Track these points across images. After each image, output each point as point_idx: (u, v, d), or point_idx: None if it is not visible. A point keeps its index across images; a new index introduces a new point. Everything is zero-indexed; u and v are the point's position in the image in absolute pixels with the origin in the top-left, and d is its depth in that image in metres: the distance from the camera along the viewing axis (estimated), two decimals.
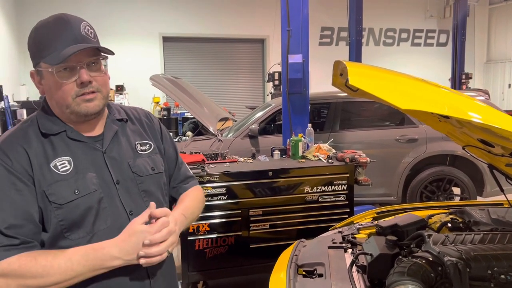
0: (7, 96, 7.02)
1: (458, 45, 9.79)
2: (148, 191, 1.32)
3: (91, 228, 1.19)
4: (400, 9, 12.62)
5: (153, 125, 1.46)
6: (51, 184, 1.16)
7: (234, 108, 10.26)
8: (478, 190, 4.85)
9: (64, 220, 1.16)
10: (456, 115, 1.10)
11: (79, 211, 1.17)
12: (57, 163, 1.18)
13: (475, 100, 1.26)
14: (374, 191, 4.77)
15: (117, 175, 1.26)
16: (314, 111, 5.54)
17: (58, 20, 1.18)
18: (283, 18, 3.86)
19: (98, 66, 1.22)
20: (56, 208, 1.15)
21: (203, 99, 5.47)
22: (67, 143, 1.22)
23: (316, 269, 1.80)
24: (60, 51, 1.14)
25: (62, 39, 1.15)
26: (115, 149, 1.30)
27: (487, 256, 1.52)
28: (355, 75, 1.17)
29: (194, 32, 11.00)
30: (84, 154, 1.23)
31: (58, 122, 1.23)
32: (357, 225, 2.30)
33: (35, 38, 1.19)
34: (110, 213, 1.22)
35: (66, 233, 1.17)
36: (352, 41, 8.64)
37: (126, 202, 1.26)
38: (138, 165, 1.32)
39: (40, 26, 1.19)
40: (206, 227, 3.04)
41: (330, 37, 12.32)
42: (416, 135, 4.80)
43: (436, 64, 12.77)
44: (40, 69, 1.19)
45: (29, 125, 1.23)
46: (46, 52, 1.16)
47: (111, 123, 1.33)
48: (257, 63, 11.91)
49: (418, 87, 1.23)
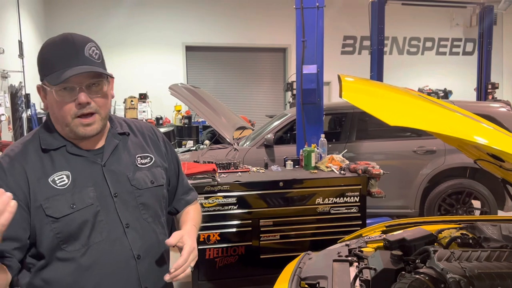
0: (34, 104, 7.27)
1: (484, 54, 9.55)
2: (146, 204, 1.34)
3: (86, 240, 1.22)
4: (425, 18, 12.43)
5: (156, 139, 1.49)
6: (48, 198, 1.20)
7: (255, 117, 10.31)
8: (499, 204, 4.71)
9: (61, 233, 1.20)
10: (441, 131, 1.09)
11: (75, 224, 1.21)
12: (55, 178, 1.22)
13: (471, 117, 1.24)
14: (392, 203, 4.69)
15: (115, 188, 1.29)
16: (331, 121, 5.52)
17: (63, 40, 1.21)
18: (298, 29, 3.88)
19: (99, 88, 1.24)
20: (52, 221, 1.19)
21: (220, 108, 5.52)
22: (67, 158, 1.26)
23: (319, 283, 1.79)
24: (61, 71, 1.17)
25: (64, 60, 1.19)
26: (115, 162, 1.32)
27: (492, 274, 1.48)
28: (348, 90, 1.18)
29: (216, 42, 11.13)
30: (83, 168, 1.27)
31: (59, 137, 1.28)
32: (365, 238, 2.27)
33: (41, 56, 1.23)
34: (106, 226, 1.25)
35: (62, 245, 1.21)
36: (374, 50, 8.56)
37: (123, 215, 1.28)
38: (137, 178, 1.34)
39: (46, 44, 1.23)
40: (217, 236, 3.06)
41: (352, 46, 12.25)
42: (434, 147, 4.71)
43: (462, 74, 12.50)
44: (44, 86, 1.24)
45: (30, 141, 1.28)
46: (48, 71, 1.20)
47: (112, 137, 1.36)
48: (279, 72, 11.94)
49: (409, 104, 1.22)
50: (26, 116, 7.04)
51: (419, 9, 11.67)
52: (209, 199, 3.03)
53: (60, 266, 1.21)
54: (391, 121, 1.04)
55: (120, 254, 1.26)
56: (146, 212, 1.34)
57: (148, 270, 1.31)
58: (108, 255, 1.24)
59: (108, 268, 1.24)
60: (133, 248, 1.28)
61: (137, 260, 1.28)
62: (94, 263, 1.22)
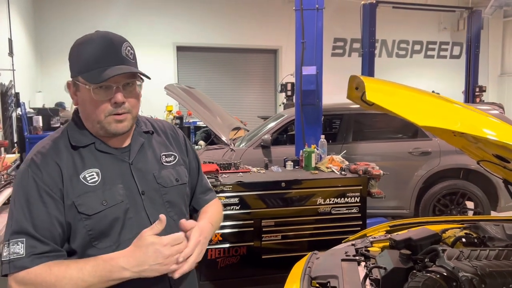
0: (24, 103, 7.16)
1: (472, 58, 9.73)
2: (172, 202, 1.35)
3: (117, 238, 1.23)
4: (414, 21, 12.60)
5: (178, 138, 1.51)
6: (80, 196, 1.20)
7: (246, 118, 10.30)
8: (492, 204, 4.80)
9: (93, 230, 1.20)
10: (472, 132, 1.11)
11: (107, 221, 1.22)
12: (86, 175, 1.23)
13: (490, 117, 1.27)
14: (387, 204, 4.75)
15: (143, 186, 1.30)
16: (327, 122, 5.55)
17: (102, 39, 1.22)
18: (298, 30, 3.90)
19: (132, 88, 1.26)
20: (85, 218, 1.20)
21: (216, 109, 5.51)
22: (96, 155, 1.27)
23: (330, 282, 1.80)
24: (100, 70, 1.18)
25: (103, 59, 1.20)
26: (141, 160, 1.33)
27: (503, 272, 1.51)
28: (373, 91, 1.19)
29: (208, 42, 11.11)
30: (112, 165, 1.28)
31: (87, 135, 1.28)
32: (370, 238, 2.29)
33: (78, 52, 1.23)
34: (136, 224, 1.26)
35: (94, 242, 1.21)
36: (365, 52, 8.66)
37: (150, 213, 1.29)
38: (163, 176, 1.35)
39: (84, 41, 1.23)
40: (219, 237, 3.06)
41: (343, 48, 12.35)
42: (430, 148, 4.78)
43: (450, 77, 12.70)
44: (77, 82, 1.23)
45: (60, 137, 1.28)
46: (86, 69, 1.20)
47: (137, 136, 1.37)
48: (270, 73, 11.97)
49: (435, 104, 1.24)
50: (16, 115, 6.93)
51: (408, 13, 11.83)
52: None
53: None
54: (420, 121, 1.06)
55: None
56: (172, 210, 1.35)
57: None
58: None
59: None
60: None
61: None
62: None
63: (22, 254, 1.11)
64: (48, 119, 7.25)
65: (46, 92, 9.58)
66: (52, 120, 7.33)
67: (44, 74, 9.92)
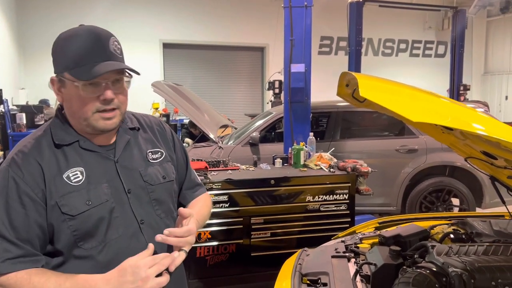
0: (7, 100, 7.02)
1: (457, 56, 9.86)
2: (159, 199, 1.33)
3: (103, 237, 1.20)
4: (399, 20, 12.73)
5: (165, 133, 1.48)
6: (64, 196, 1.17)
7: (233, 115, 10.29)
8: (477, 201, 4.87)
9: (77, 231, 1.17)
10: (467, 129, 1.12)
11: (92, 221, 1.19)
12: (70, 174, 1.19)
13: (484, 114, 1.28)
14: (374, 201, 4.78)
15: (129, 184, 1.27)
16: (314, 120, 5.57)
17: (89, 34, 1.18)
18: (286, 28, 3.90)
19: (121, 84, 1.23)
20: (69, 219, 1.17)
21: (203, 106, 5.48)
22: (80, 153, 1.23)
23: (320, 278, 1.81)
24: (89, 66, 1.14)
25: (92, 55, 1.16)
26: (127, 158, 1.30)
27: (491, 267, 1.53)
28: (366, 87, 1.19)
29: (195, 39, 11.05)
30: (97, 164, 1.24)
31: (72, 132, 1.24)
32: (359, 235, 2.30)
33: (64, 47, 1.18)
34: (122, 222, 1.23)
35: (79, 243, 1.18)
36: (352, 51, 8.71)
37: (137, 211, 1.26)
38: (149, 174, 1.32)
39: (70, 36, 1.19)
40: (208, 235, 3.04)
41: (329, 47, 12.41)
42: (416, 146, 4.83)
43: (434, 75, 12.87)
44: (63, 78, 1.19)
45: (42, 136, 1.24)
46: (73, 65, 1.16)
47: (123, 133, 1.34)
48: (257, 71, 11.97)
49: (427, 100, 1.25)
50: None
51: (393, 12, 11.95)
52: None
53: (77, 264, 1.19)
54: (414, 118, 1.06)
55: (137, 251, 1.21)
56: (159, 208, 1.32)
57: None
58: (125, 251, 1.21)
59: None
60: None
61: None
62: (112, 260, 1.19)
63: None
64: (32, 117, 7.13)
65: (29, 89, 9.42)
66: (36, 118, 7.22)
67: (27, 70, 9.75)
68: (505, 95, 13.34)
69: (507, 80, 13.24)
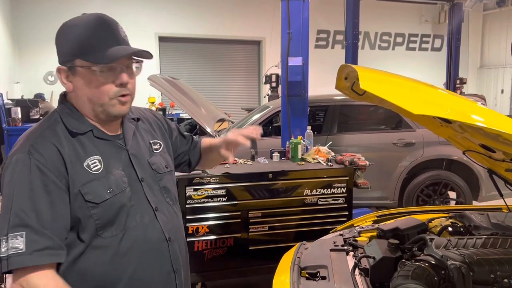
0: (1, 94, 6.98)
1: (453, 50, 9.85)
2: (167, 187, 1.36)
3: (123, 225, 1.22)
4: (396, 14, 12.71)
5: (159, 123, 1.51)
6: (86, 184, 1.17)
7: (230, 109, 10.26)
8: (474, 194, 4.89)
9: (100, 219, 1.18)
10: (469, 121, 1.11)
11: (114, 209, 1.20)
12: (89, 163, 1.20)
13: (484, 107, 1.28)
14: (371, 194, 4.80)
15: (141, 173, 1.29)
16: (311, 114, 5.56)
17: (99, 20, 1.19)
18: (284, 21, 3.88)
19: (131, 69, 1.24)
20: (92, 207, 1.16)
21: (200, 100, 5.44)
22: (94, 142, 1.23)
23: (319, 272, 1.81)
24: (103, 51, 1.15)
25: (106, 40, 1.17)
26: (136, 147, 1.32)
27: (490, 260, 1.53)
28: (367, 79, 1.19)
29: (191, 33, 10.99)
30: (111, 152, 1.25)
31: (84, 121, 1.24)
32: (358, 228, 2.31)
33: (72, 35, 1.18)
34: (138, 210, 1.25)
35: (99, 231, 1.18)
36: (349, 44, 8.66)
37: (151, 199, 1.29)
38: (155, 162, 1.36)
39: (79, 24, 1.19)
40: (206, 229, 3.04)
41: (326, 40, 12.38)
42: (413, 139, 4.84)
43: (431, 69, 12.88)
44: (75, 66, 1.18)
45: (55, 124, 1.22)
46: (88, 50, 1.15)
47: (128, 122, 1.35)
48: (253, 64, 11.93)
49: (430, 93, 1.24)
50: None
51: (390, 5, 11.92)
52: (198, 191, 3.01)
53: (95, 254, 1.18)
54: (416, 110, 1.06)
55: (154, 237, 1.26)
56: (168, 195, 1.36)
57: (177, 252, 1.34)
58: (143, 239, 1.24)
59: (144, 252, 1.24)
60: (164, 230, 1.29)
61: (169, 242, 1.30)
62: (131, 248, 1.21)
63: (22, 249, 1.04)
64: (27, 111, 7.09)
65: (24, 83, 9.35)
66: (31, 112, 7.18)
67: (22, 64, 9.68)
68: (501, 88, 13.38)
69: (503, 73, 13.27)
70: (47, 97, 8.86)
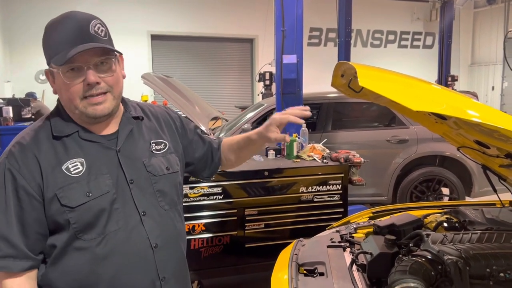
0: None
1: (445, 47, 9.93)
2: (163, 190, 1.31)
3: (103, 229, 1.19)
4: (388, 12, 12.77)
5: (170, 122, 1.45)
6: (63, 187, 1.15)
7: (223, 108, 10.23)
8: (467, 190, 4.94)
9: (77, 223, 1.16)
10: (465, 117, 1.13)
11: (92, 213, 1.17)
12: (69, 165, 1.18)
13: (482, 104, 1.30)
14: (365, 191, 4.82)
15: (131, 175, 1.25)
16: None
17: (65, 19, 1.15)
18: (278, 18, 3.88)
19: (108, 66, 1.19)
20: (68, 211, 1.15)
21: (194, 98, 5.44)
22: (80, 144, 1.21)
23: (317, 268, 1.82)
24: (67, 51, 1.11)
25: (69, 39, 1.13)
26: (130, 147, 1.28)
27: (486, 255, 1.55)
28: (365, 77, 1.19)
29: (183, 31, 10.95)
30: (97, 154, 1.22)
31: (71, 123, 1.22)
32: (354, 225, 2.33)
33: (44, 38, 1.18)
34: (122, 215, 1.22)
35: (78, 234, 1.17)
36: (341, 42, 8.69)
37: (139, 203, 1.25)
38: (153, 164, 1.30)
39: (49, 25, 1.17)
40: (202, 227, 3.04)
41: (318, 38, 12.39)
42: (407, 136, 4.87)
43: (422, 66, 12.95)
44: (51, 69, 1.18)
45: (41, 127, 1.22)
46: (53, 52, 1.14)
47: (126, 121, 1.31)
48: (246, 62, 11.92)
49: (428, 89, 1.25)
50: None
51: (382, 3, 12.00)
52: (194, 189, 3.01)
53: (77, 255, 1.18)
54: (415, 107, 1.07)
55: (137, 243, 1.22)
56: (163, 199, 1.31)
57: (165, 259, 1.28)
58: (125, 244, 1.20)
59: (125, 258, 1.21)
60: (150, 237, 1.24)
61: (154, 249, 1.25)
62: (110, 253, 1.19)
63: None
64: (18, 110, 7.02)
65: (15, 82, 9.26)
66: (23, 111, 7.11)
67: (13, 63, 9.58)
68: (492, 85, 13.50)
69: (494, 70, 13.38)
70: (39, 96, 8.78)
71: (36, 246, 1.15)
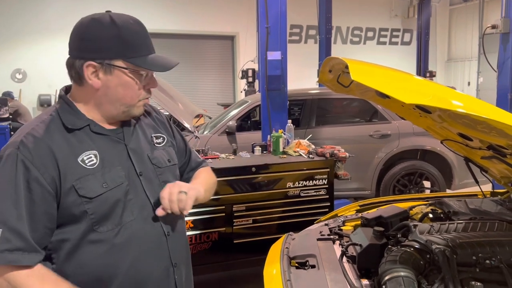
0: None
1: (422, 44, 10.10)
2: (168, 181, 1.34)
3: (119, 220, 1.21)
4: (366, 9, 12.90)
5: (162, 119, 1.50)
6: (80, 179, 1.16)
7: (205, 105, 10.21)
8: (447, 183, 5.06)
9: (94, 214, 1.17)
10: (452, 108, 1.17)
11: (108, 204, 1.19)
12: (84, 158, 1.19)
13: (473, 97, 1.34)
14: (349, 186, 4.89)
15: (140, 167, 1.29)
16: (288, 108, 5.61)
17: (139, 24, 1.25)
18: (262, 15, 3.89)
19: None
20: (86, 202, 1.16)
21: (177, 95, 5.40)
22: (91, 137, 1.23)
23: (308, 261, 1.85)
24: (145, 56, 1.22)
25: (147, 45, 1.25)
26: (135, 142, 1.32)
27: (472, 243, 1.60)
28: (357, 71, 1.22)
29: (163, 28, 10.83)
30: (109, 147, 1.25)
31: (82, 116, 1.24)
32: (342, 218, 2.37)
33: (116, 34, 1.19)
34: (136, 205, 1.25)
35: (95, 226, 1.18)
36: (322, 39, 8.75)
37: (150, 193, 1.29)
38: (156, 157, 1.35)
39: (120, 23, 1.20)
40: (190, 224, 3.04)
41: (299, 35, 12.44)
42: (389, 131, 4.95)
43: (401, 62, 13.11)
44: (113, 65, 1.19)
45: (51, 120, 1.22)
46: (132, 53, 1.20)
47: None
48: (227, 60, 11.88)
49: (419, 83, 1.29)
50: None
51: (361, 0, 12.13)
52: None
53: (92, 248, 1.19)
54: (407, 99, 1.10)
55: (152, 232, 1.27)
56: None
57: (176, 246, 1.34)
58: (141, 233, 1.24)
59: (141, 246, 1.25)
60: (163, 225, 1.29)
61: (167, 237, 1.30)
62: (127, 242, 1.22)
63: None
64: None
65: None
66: (0, 111, 6.93)
67: None
68: (468, 81, 13.81)
69: (469, 66, 13.69)
70: (16, 96, 8.58)
71: (43, 240, 1.14)
